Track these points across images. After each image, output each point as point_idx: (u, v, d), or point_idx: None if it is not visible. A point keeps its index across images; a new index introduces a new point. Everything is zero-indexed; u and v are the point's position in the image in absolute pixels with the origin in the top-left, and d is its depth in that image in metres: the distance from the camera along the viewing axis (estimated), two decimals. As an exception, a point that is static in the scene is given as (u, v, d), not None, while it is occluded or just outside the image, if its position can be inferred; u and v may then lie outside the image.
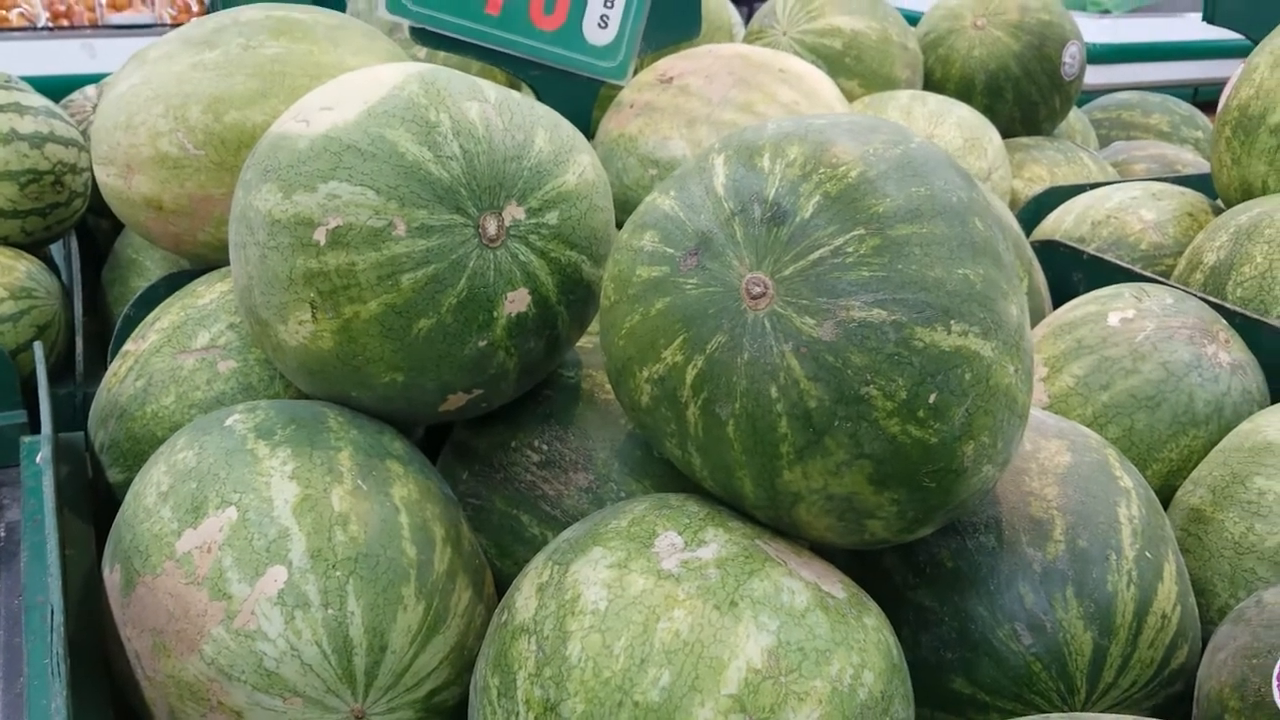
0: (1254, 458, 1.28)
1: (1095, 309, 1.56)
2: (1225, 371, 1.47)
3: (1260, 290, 1.66)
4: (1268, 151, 1.87)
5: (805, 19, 2.29)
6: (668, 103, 1.63)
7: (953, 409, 0.94)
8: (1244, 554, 1.23)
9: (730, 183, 0.98)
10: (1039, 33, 2.46)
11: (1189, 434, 1.44)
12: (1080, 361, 1.51)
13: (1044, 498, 1.15)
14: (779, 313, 0.93)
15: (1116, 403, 1.46)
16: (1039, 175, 2.38)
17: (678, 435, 1.01)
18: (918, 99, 2.17)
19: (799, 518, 1.00)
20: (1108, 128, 2.98)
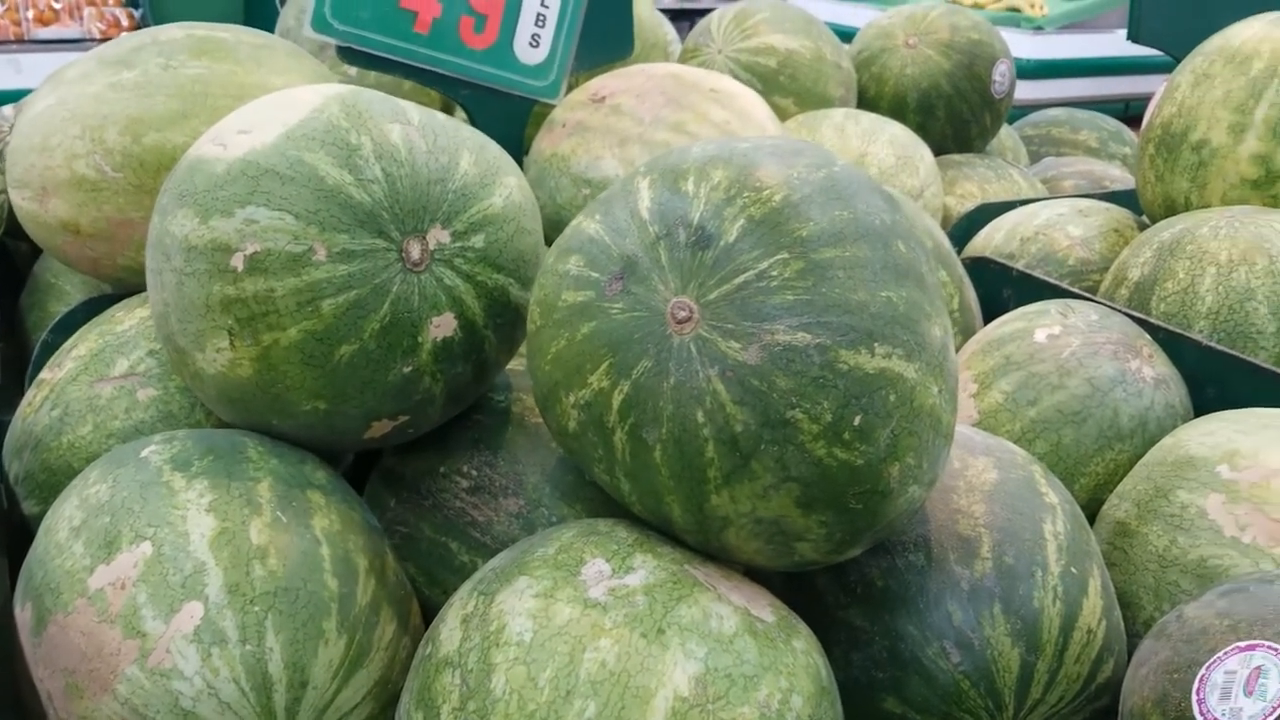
0: (1176, 472, 1.30)
1: (1022, 325, 1.58)
2: (1149, 386, 1.50)
3: (1183, 305, 1.69)
4: (1190, 168, 1.91)
5: (740, 37, 2.31)
6: (600, 122, 1.62)
7: (878, 431, 0.94)
8: (1168, 567, 1.25)
9: (655, 206, 0.97)
10: (969, 51, 2.50)
11: (1114, 448, 1.46)
12: (1008, 377, 1.53)
13: (971, 515, 1.16)
14: (704, 337, 0.92)
15: (1044, 418, 1.48)
16: (970, 192, 2.41)
17: (605, 461, 1.00)
18: (851, 117, 2.19)
19: (728, 542, 0.99)
20: (1038, 144, 3.03)
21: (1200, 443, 1.32)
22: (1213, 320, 1.67)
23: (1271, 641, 0.89)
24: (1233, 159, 1.85)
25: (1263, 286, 1.64)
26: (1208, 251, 1.70)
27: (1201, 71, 1.93)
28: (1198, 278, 1.69)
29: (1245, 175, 1.84)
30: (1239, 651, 0.90)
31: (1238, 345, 1.65)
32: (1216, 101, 1.88)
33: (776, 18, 2.32)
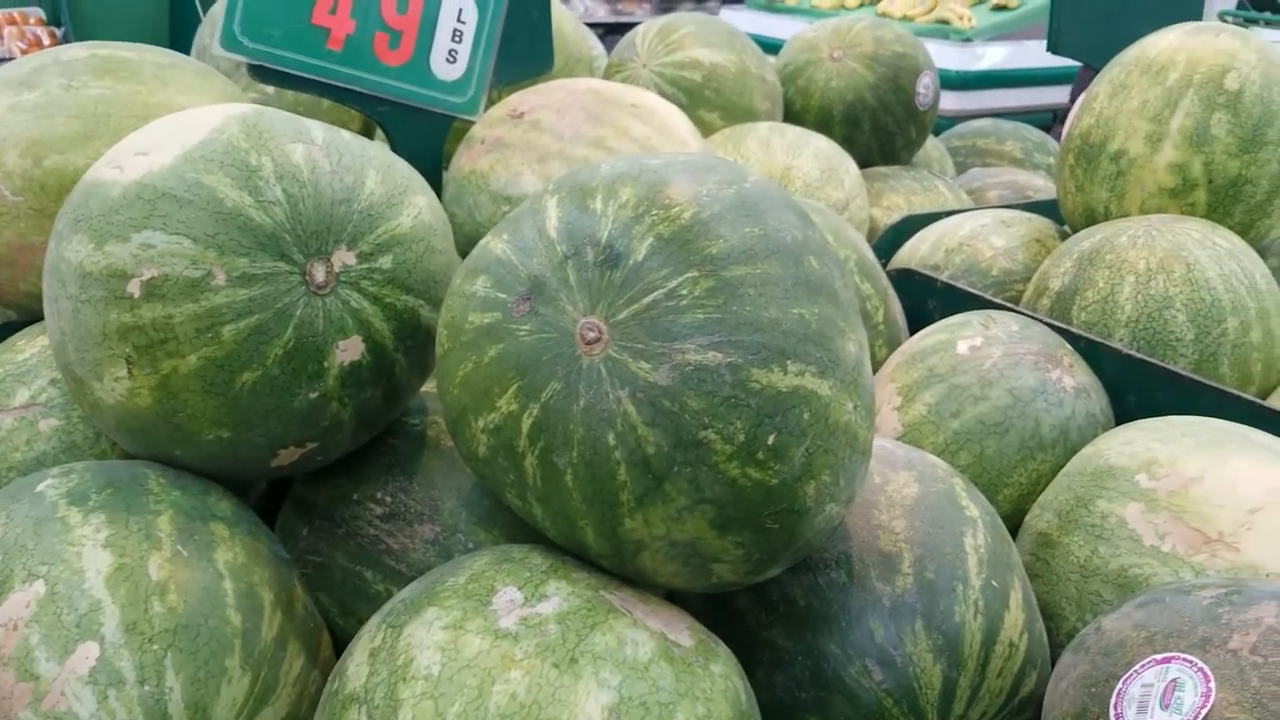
0: (1096, 481, 1.31)
1: (945, 337, 1.59)
2: (1070, 395, 1.51)
3: (1103, 314, 1.71)
4: (1109, 178, 1.93)
5: (664, 52, 2.30)
6: (519, 138, 1.60)
7: (792, 449, 0.93)
8: (1089, 577, 1.25)
9: (563, 225, 0.96)
10: (893, 64, 2.51)
11: (1036, 458, 1.47)
12: (932, 390, 1.53)
13: (892, 530, 1.15)
14: (614, 358, 0.91)
15: (967, 430, 1.48)
16: (896, 204, 2.42)
17: (517, 486, 0.98)
18: (776, 131, 2.19)
19: (644, 565, 0.98)
20: (964, 155, 3.06)
21: (1119, 452, 1.33)
22: (1132, 329, 1.68)
23: (1187, 654, 0.89)
24: (1150, 168, 1.88)
25: (1180, 294, 1.67)
26: (1126, 260, 1.72)
27: (1119, 82, 1.96)
28: (1117, 287, 1.71)
29: (1163, 184, 1.87)
30: (1155, 664, 0.90)
31: (1157, 353, 1.67)
32: (1133, 112, 1.90)
33: (701, 32, 2.32)
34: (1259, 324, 1.68)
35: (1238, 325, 1.66)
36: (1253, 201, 1.86)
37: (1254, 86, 1.84)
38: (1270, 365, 1.71)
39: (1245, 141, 1.83)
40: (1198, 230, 1.73)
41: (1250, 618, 0.89)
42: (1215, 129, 1.83)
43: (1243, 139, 1.83)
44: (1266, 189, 1.86)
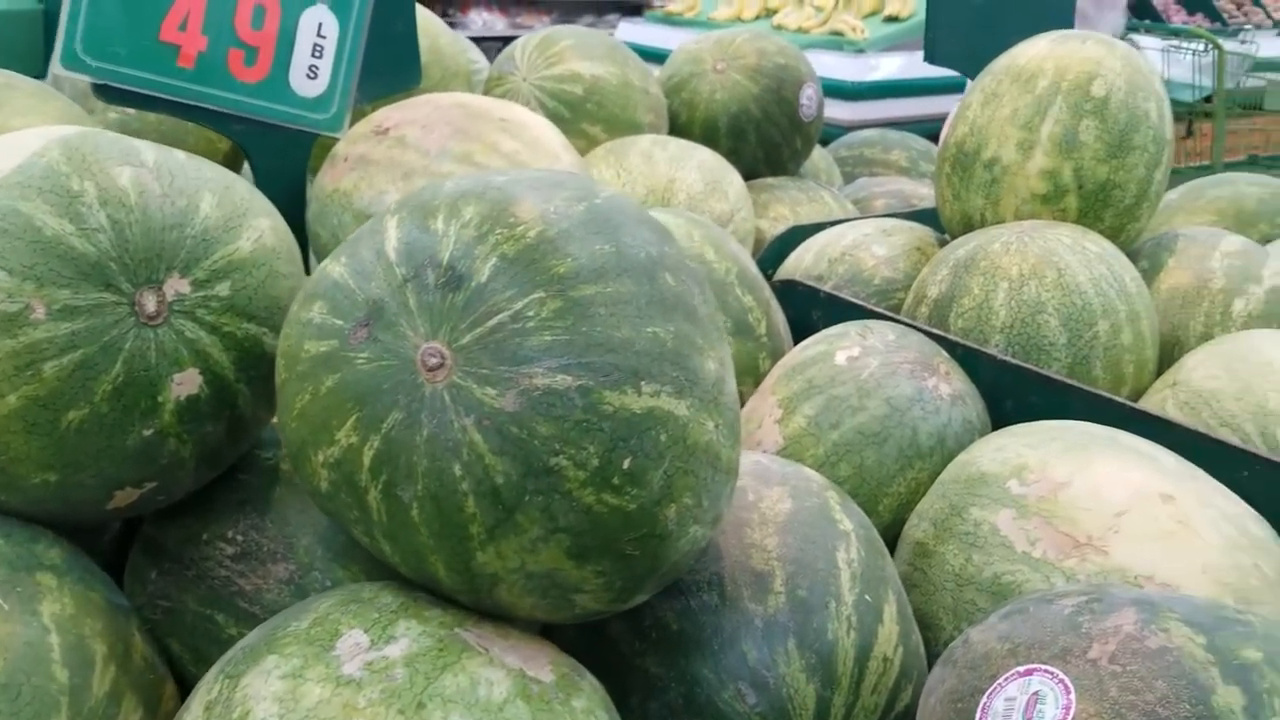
0: (969, 489, 1.31)
1: (824, 348, 1.58)
2: (946, 403, 1.51)
3: (979, 321, 1.72)
4: (984, 186, 1.95)
5: (544, 65, 2.27)
6: (383, 155, 1.55)
7: (650, 473, 0.90)
8: (964, 585, 1.25)
9: (402, 246, 0.91)
10: (776, 76, 2.52)
11: (915, 467, 1.47)
12: (811, 402, 1.52)
13: (765, 548, 1.13)
14: (458, 384, 0.87)
15: (846, 441, 1.47)
16: (783, 214, 2.43)
17: (363, 522, 0.93)
18: (659, 143, 2.17)
19: (501, 599, 0.94)
20: (852, 165, 3.08)
21: (991, 459, 1.33)
22: (1007, 334, 1.70)
23: (1049, 665, 0.88)
24: (1023, 175, 1.90)
25: (1053, 299, 1.68)
26: (1000, 267, 1.73)
27: (990, 91, 1.98)
28: (991, 293, 1.72)
29: (1035, 191, 1.90)
30: (1018, 677, 0.89)
31: (1032, 357, 1.68)
32: (1005, 119, 1.93)
33: (581, 45, 2.29)
34: (1130, 326, 1.71)
35: (1109, 328, 1.68)
36: (1122, 205, 1.89)
37: (1119, 93, 1.87)
38: (1142, 366, 1.74)
39: (1112, 147, 1.86)
40: (1068, 235, 1.76)
41: (1109, 626, 0.89)
42: (1084, 135, 1.86)
43: (1110, 144, 1.86)
44: (1135, 193, 1.89)
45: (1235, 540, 1.20)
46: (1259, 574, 1.18)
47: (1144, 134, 1.88)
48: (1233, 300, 1.87)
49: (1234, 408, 1.51)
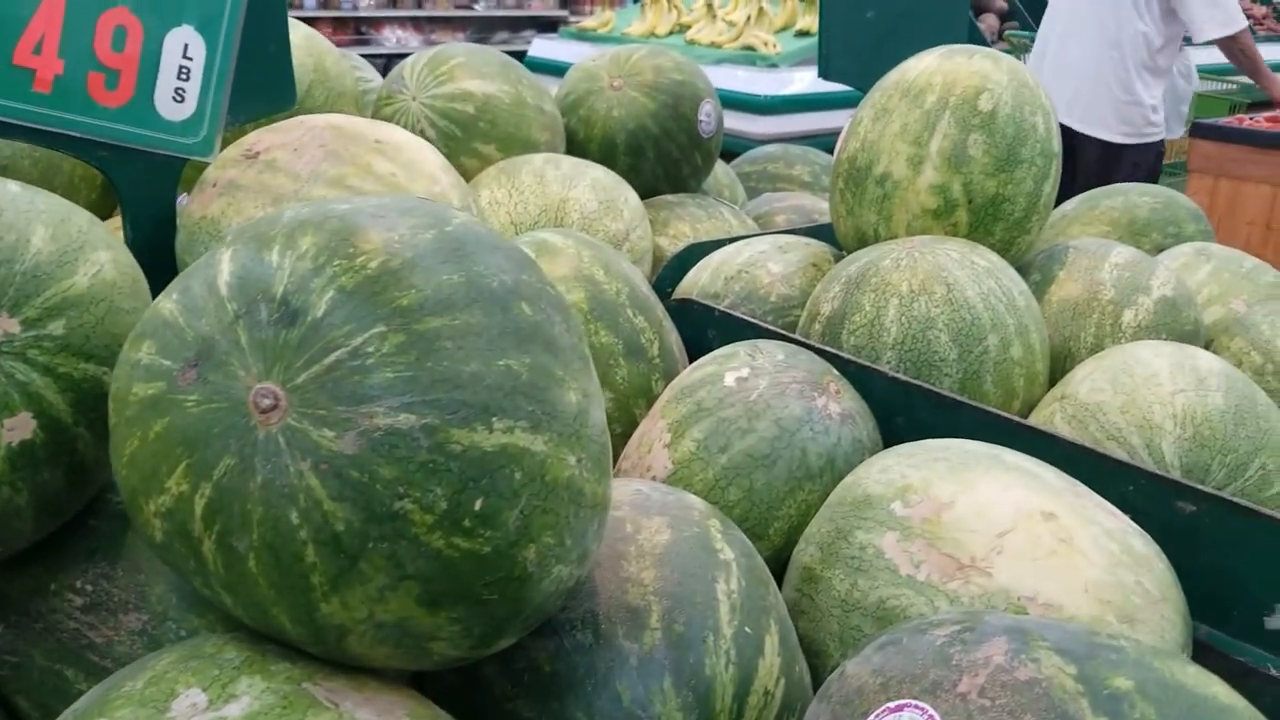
0: (855, 511, 1.29)
1: (713, 370, 1.55)
2: (835, 423, 1.49)
3: (871, 337, 1.71)
4: (876, 201, 1.95)
5: (434, 84, 2.22)
6: (252, 180, 1.49)
7: (504, 514, 0.86)
8: (850, 611, 1.23)
9: (235, 280, 0.86)
10: (673, 92, 2.50)
11: (805, 488, 1.44)
12: (700, 425, 1.49)
13: (641, 583, 1.09)
14: (294, 426, 0.82)
15: (735, 464, 1.45)
16: (683, 232, 2.40)
17: (200, 574, 0.87)
18: (551, 162, 2.13)
19: (352, 650, 0.89)
20: (756, 180, 3.08)
21: (876, 480, 1.31)
22: (899, 350, 1.69)
23: (919, 700, 0.86)
24: (913, 190, 1.90)
25: (942, 315, 1.68)
26: (890, 283, 1.72)
27: (880, 106, 1.98)
28: (882, 309, 1.71)
29: (926, 206, 1.90)
30: (889, 713, 0.86)
31: (923, 374, 1.67)
32: (895, 135, 1.93)
33: (472, 62, 2.25)
34: (1019, 340, 1.71)
35: (998, 342, 1.68)
36: (1011, 219, 1.90)
37: (1006, 107, 1.88)
38: (1033, 379, 1.74)
39: (1000, 161, 1.87)
40: (957, 250, 1.76)
41: (980, 657, 0.87)
42: (972, 150, 1.87)
43: (998, 159, 1.87)
44: (1024, 206, 1.90)
45: (1117, 557, 1.19)
46: (1141, 591, 1.18)
47: (1031, 147, 1.89)
48: (1122, 311, 1.89)
49: (1120, 420, 1.51)
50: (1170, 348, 1.59)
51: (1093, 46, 5.16)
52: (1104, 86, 5.16)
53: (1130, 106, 5.20)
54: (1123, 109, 5.19)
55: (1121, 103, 5.18)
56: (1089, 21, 5.11)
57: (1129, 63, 5.12)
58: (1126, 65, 5.12)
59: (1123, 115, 5.20)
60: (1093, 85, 5.18)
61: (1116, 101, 5.18)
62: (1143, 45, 5.11)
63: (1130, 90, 5.16)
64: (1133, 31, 5.03)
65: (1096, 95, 5.19)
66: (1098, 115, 5.22)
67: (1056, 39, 5.36)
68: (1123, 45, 5.10)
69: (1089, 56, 5.16)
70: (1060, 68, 5.29)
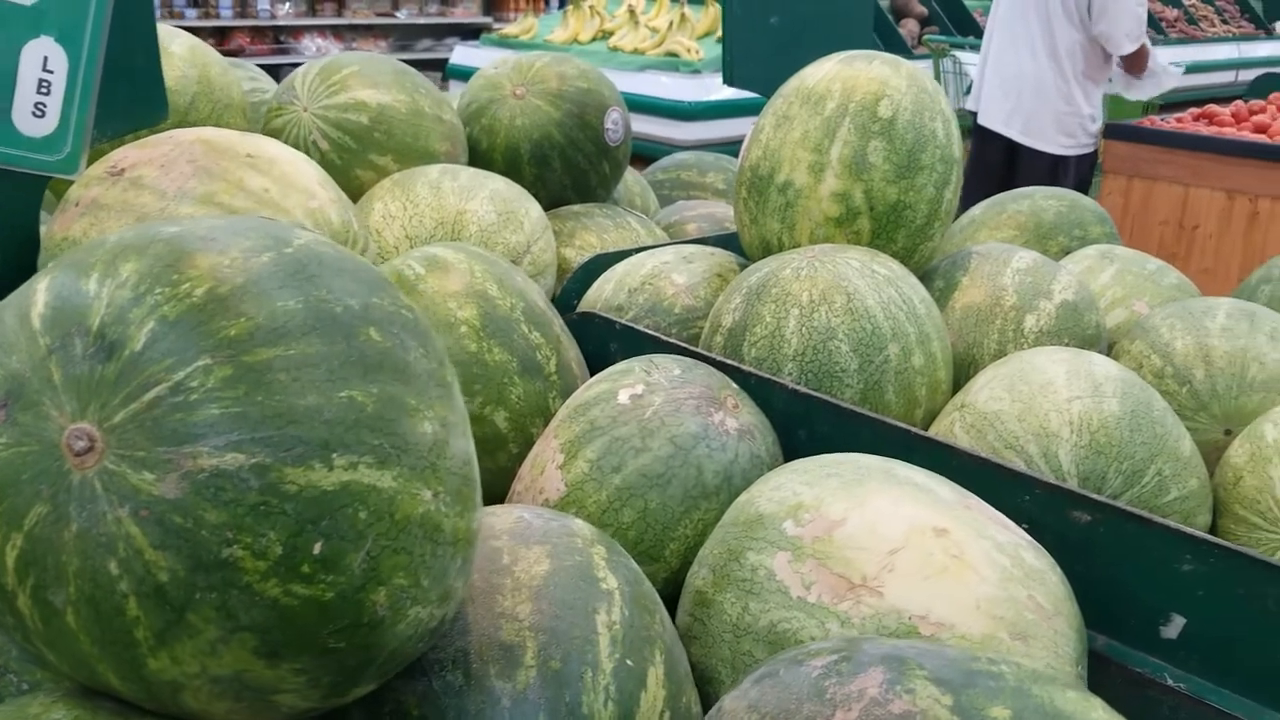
0: (747, 532, 1.25)
1: (607, 387, 1.51)
2: (733, 438, 1.45)
3: (772, 349, 1.68)
4: (779, 210, 1.92)
5: (326, 94, 2.15)
6: (116, 199, 1.42)
7: (348, 557, 0.80)
8: (741, 636, 1.19)
9: (49, 311, 0.80)
10: (579, 100, 2.45)
11: (701, 508, 1.40)
12: (594, 444, 1.44)
13: (516, 618, 1.04)
14: (111, 470, 0.76)
15: (629, 484, 1.40)
16: (590, 243, 2.36)
17: (19, 630, 0.81)
18: (448, 173, 2.08)
19: (189, 706, 0.83)
20: (669, 188, 3.04)
21: (768, 498, 1.27)
22: (800, 362, 1.66)
23: (791, 735, 0.82)
24: (815, 198, 1.88)
25: (843, 325, 1.65)
26: (790, 293, 1.69)
27: (781, 113, 1.95)
28: (783, 320, 1.68)
29: (828, 214, 1.87)
30: (762, 751, 0.83)
31: (825, 385, 1.65)
32: (796, 142, 1.90)
33: (366, 71, 2.18)
34: (920, 349, 1.69)
35: (899, 351, 1.66)
36: (913, 226, 1.88)
37: (906, 113, 1.87)
38: (935, 388, 1.72)
39: (901, 168, 1.85)
40: (857, 259, 1.73)
41: (854, 690, 0.83)
42: (872, 156, 1.85)
43: (898, 165, 1.85)
44: (925, 213, 1.89)
45: (1009, 572, 1.17)
46: (1034, 605, 1.15)
47: (931, 153, 1.87)
48: (1024, 317, 1.88)
49: (1017, 429, 1.50)
50: (1067, 354, 1.58)
51: (1032, 58, 5.20)
52: (1045, 99, 5.21)
53: (1070, 118, 5.26)
54: (1064, 120, 5.25)
55: (1063, 114, 5.23)
56: (1027, 33, 5.16)
57: (1068, 73, 5.18)
58: (1066, 76, 5.18)
59: (1064, 127, 5.26)
60: (1034, 97, 5.22)
61: (1058, 113, 5.23)
62: (1080, 56, 5.17)
63: (1071, 101, 5.22)
64: (1070, 42, 5.09)
65: (1038, 108, 5.23)
66: (1039, 128, 5.27)
67: (994, 50, 5.39)
68: (1061, 56, 5.15)
69: (1029, 68, 5.20)
70: (1000, 80, 5.33)
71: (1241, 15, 10.23)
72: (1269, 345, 1.74)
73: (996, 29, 5.32)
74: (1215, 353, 1.74)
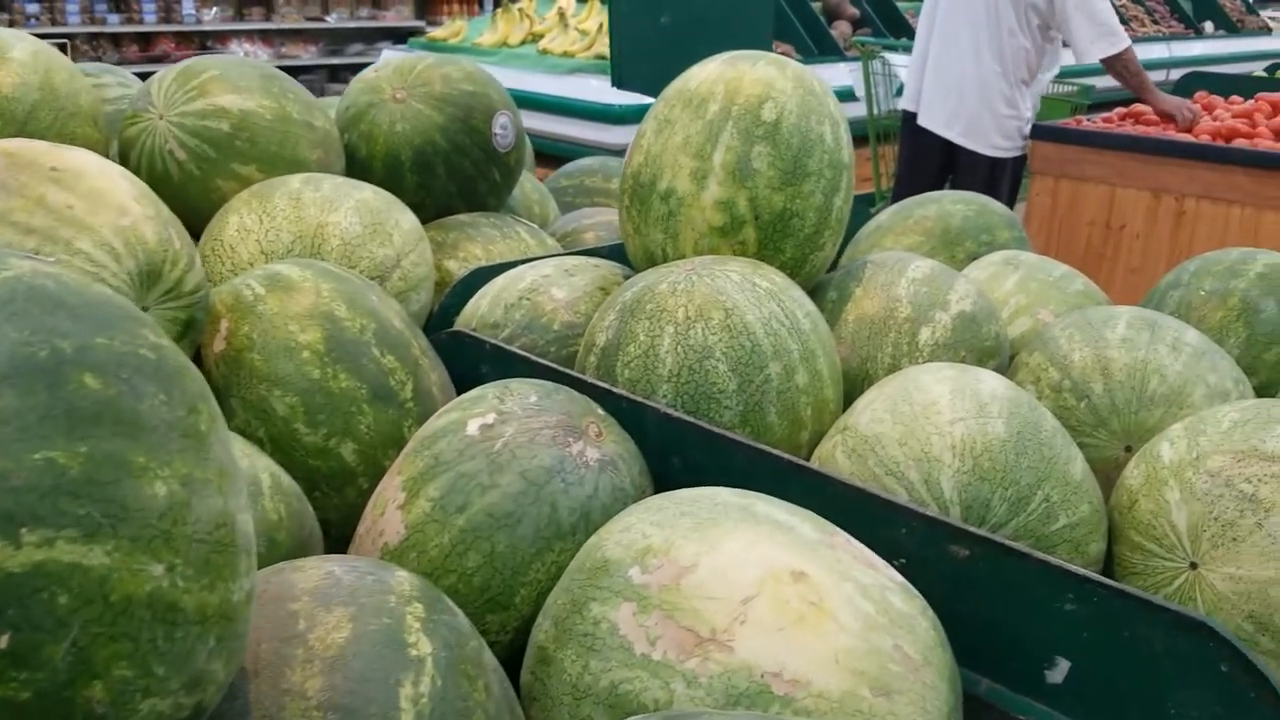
0: (592, 580, 1.13)
1: (456, 417, 1.38)
2: (592, 471, 1.34)
3: (646, 370, 1.56)
4: (661, 219, 1.80)
5: (184, 99, 2.00)
6: (-105, 219, 1.27)
7: (47, 649, 0.68)
8: (581, 699, 1.07)
9: None
10: (464, 104, 2.33)
11: (555, 549, 1.29)
12: (437, 481, 1.32)
13: (304, 695, 0.92)
14: None
15: (475, 525, 1.28)
16: (475, 254, 2.23)
17: None
18: (310, 183, 1.94)
19: None
20: (573, 194, 2.93)
21: (616, 541, 1.16)
22: (675, 383, 1.55)
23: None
24: (698, 207, 1.77)
25: (720, 342, 1.54)
26: (665, 309, 1.58)
27: (663, 117, 1.84)
28: (657, 339, 1.57)
29: (712, 223, 1.76)
30: None
31: (702, 408, 1.53)
32: (678, 148, 1.79)
33: (228, 75, 2.04)
34: (804, 366, 1.59)
35: (781, 370, 1.56)
36: (802, 235, 1.78)
37: (791, 116, 1.76)
38: (821, 407, 1.62)
39: (786, 174, 1.75)
40: (738, 272, 1.62)
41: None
42: (756, 162, 1.74)
43: (784, 171, 1.75)
44: (814, 221, 1.78)
45: (873, 619, 1.06)
46: (900, 656, 1.05)
47: (819, 159, 1.77)
48: (919, 329, 1.78)
49: (898, 454, 1.39)
50: (953, 371, 1.48)
51: (975, 62, 5.16)
52: (987, 101, 5.17)
53: (1011, 121, 5.24)
54: (1004, 123, 5.23)
55: (1004, 117, 5.22)
56: (973, 37, 5.11)
57: (1011, 77, 5.15)
58: (1010, 80, 5.15)
59: (1004, 130, 5.24)
60: (976, 100, 5.19)
61: (999, 116, 5.20)
62: (1023, 61, 5.14)
63: (1013, 105, 5.21)
64: (1015, 46, 5.06)
65: (980, 110, 5.20)
66: (980, 131, 5.24)
67: (935, 53, 5.33)
68: (1005, 60, 5.11)
69: (972, 72, 5.16)
70: (941, 82, 5.28)
71: (1171, 15, 10.31)
72: (1170, 356, 1.65)
73: (937, 31, 5.26)
74: (1114, 365, 1.66)
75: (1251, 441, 1.35)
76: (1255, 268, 2.02)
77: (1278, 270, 2.02)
